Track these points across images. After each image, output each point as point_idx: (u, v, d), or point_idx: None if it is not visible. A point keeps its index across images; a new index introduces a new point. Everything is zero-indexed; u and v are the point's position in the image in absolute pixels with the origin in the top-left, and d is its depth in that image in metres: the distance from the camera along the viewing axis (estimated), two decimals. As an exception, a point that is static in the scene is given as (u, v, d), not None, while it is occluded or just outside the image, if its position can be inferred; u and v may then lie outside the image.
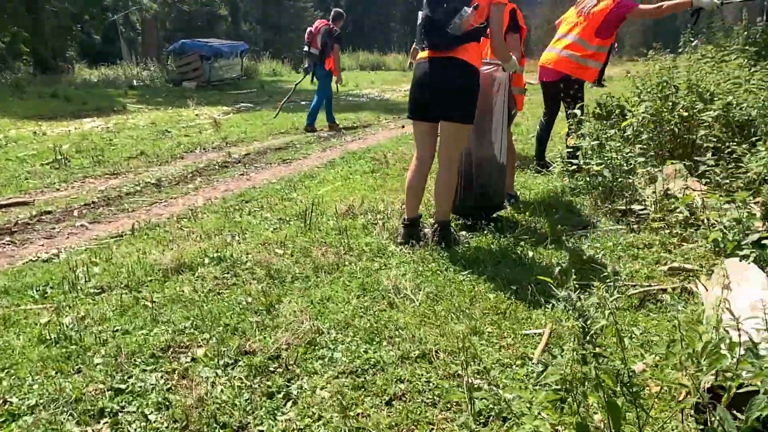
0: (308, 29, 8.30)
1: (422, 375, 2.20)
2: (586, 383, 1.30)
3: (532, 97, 7.79)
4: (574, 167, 4.32)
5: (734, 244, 2.74)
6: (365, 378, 2.19)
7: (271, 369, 2.25)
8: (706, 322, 2.26)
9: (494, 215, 3.77)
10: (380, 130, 8.74)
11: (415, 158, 3.52)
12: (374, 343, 2.43)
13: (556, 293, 1.63)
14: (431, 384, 2.15)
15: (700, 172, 3.87)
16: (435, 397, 2.07)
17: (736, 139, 3.92)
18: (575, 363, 1.27)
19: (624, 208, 3.71)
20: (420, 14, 3.26)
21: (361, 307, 2.74)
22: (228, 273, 3.16)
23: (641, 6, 4.67)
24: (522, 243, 3.39)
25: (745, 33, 6.13)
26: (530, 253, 3.27)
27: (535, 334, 2.46)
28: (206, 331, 2.52)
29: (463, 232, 3.61)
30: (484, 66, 3.52)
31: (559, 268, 2.76)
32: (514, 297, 2.77)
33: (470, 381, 2.05)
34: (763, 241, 2.50)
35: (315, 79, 8.56)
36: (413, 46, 11.25)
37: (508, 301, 2.74)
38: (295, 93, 10.48)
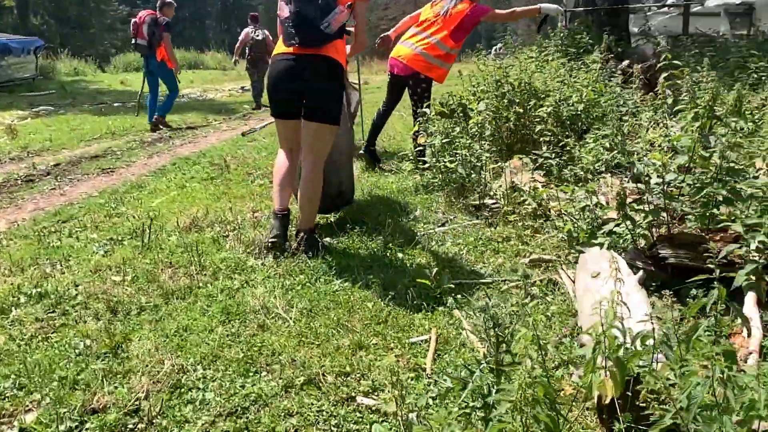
0: (132, 20, 7.94)
1: (312, 404, 1.97)
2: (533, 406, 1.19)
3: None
4: (426, 165, 4.35)
5: (586, 234, 2.90)
6: (247, 418, 1.91)
7: (131, 426, 1.86)
8: (581, 312, 2.35)
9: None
10: (212, 132, 8.16)
11: (282, 151, 3.32)
12: (250, 374, 2.15)
13: (470, 303, 1.49)
14: (324, 413, 1.93)
15: (538, 164, 4.10)
16: (332, 428, 1.86)
17: (566, 133, 4.23)
18: (525, 387, 1.15)
19: (477, 202, 3.80)
20: (285, 8, 3.02)
21: (228, 335, 2.42)
22: (54, 312, 2.62)
23: (496, 11, 4.87)
24: (390, 245, 3.29)
25: (561, 35, 6.76)
26: (399, 255, 3.18)
27: (421, 341, 2.36)
28: (36, 389, 2.02)
29: (328, 239, 3.42)
30: None
31: (433, 269, 2.72)
32: (392, 303, 2.65)
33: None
34: (615, 229, 2.66)
35: (148, 72, 8.19)
36: (238, 44, 10.79)
37: (388, 308, 2.61)
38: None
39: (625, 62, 6.04)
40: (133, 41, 7.93)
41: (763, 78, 4.64)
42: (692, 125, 2.68)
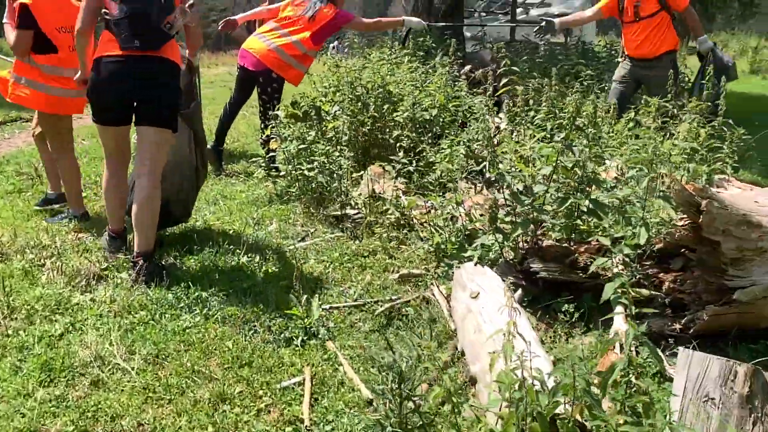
0: None
1: (169, 483, 1.62)
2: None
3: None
4: (280, 173, 4.04)
5: (455, 246, 2.83)
6: None
7: None
8: (463, 335, 2.24)
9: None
10: (17, 133, 6.96)
11: (110, 165, 2.99)
12: (84, 451, 1.72)
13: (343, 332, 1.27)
14: (185, 494, 1.59)
15: (396, 171, 4.00)
16: None
17: (422, 138, 4.18)
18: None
19: (339, 213, 3.59)
20: (114, 6, 2.69)
21: (51, 399, 1.94)
22: None
23: (360, 19, 4.64)
24: (246, 266, 2.94)
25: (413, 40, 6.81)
26: (258, 275, 2.86)
27: (294, 384, 2.08)
28: None
29: (171, 260, 2.98)
30: None
31: (299, 294, 2.46)
32: (256, 339, 2.34)
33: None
34: (485, 243, 2.61)
35: None
36: None
37: (251, 346, 2.29)
38: None
39: (467, 67, 6.21)
40: None
41: (592, 86, 5.00)
42: (552, 134, 2.72)
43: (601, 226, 2.60)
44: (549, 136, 3.24)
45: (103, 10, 2.76)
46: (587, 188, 2.59)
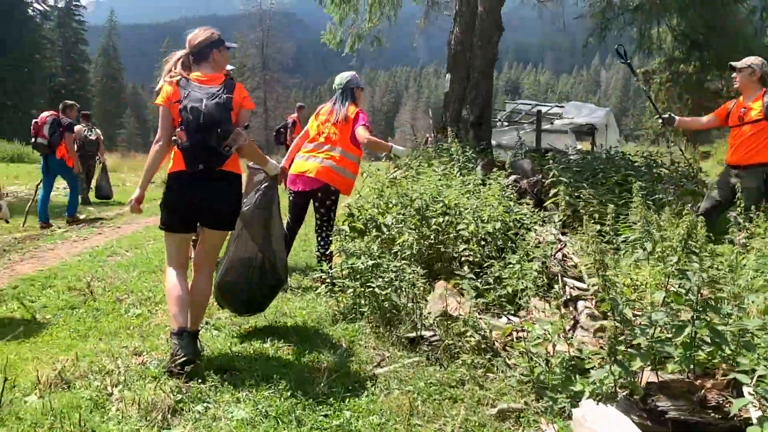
0: (33, 121, 8.24)
1: None
2: None
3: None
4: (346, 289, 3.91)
5: (559, 379, 2.62)
6: None
7: None
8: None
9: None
10: (59, 243, 6.94)
11: (173, 267, 3.26)
12: None
13: None
14: None
15: (462, 286, 3.86)
16: None
17: (487, 252, 4.07)
18: None
19: (413, 335, 3.41)
20: (183, 135, 3.06)
21: None
22: None
23: (365, 130, 4.48)
24: (328, 400, 2.72)
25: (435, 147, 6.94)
26: (345, 411, 2.62)
27: None
28: None
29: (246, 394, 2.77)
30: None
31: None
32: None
33: None
34: (600, 376, 2.41)
35: (46, 171, 8.40)
36: (75, 132, 10.42)
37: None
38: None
39: (512, 177, 6.25)
40: (33, 140, 8.17)
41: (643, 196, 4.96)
42: (664, 258, 2.60)
43: (723, 356, 2.41)
44: (647, 257, 3.12)
45: (173, 138, 3.13)
46: (704, 315, 2.42)
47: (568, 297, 3.71)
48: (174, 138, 3.15)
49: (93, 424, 2.47)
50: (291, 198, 4.66)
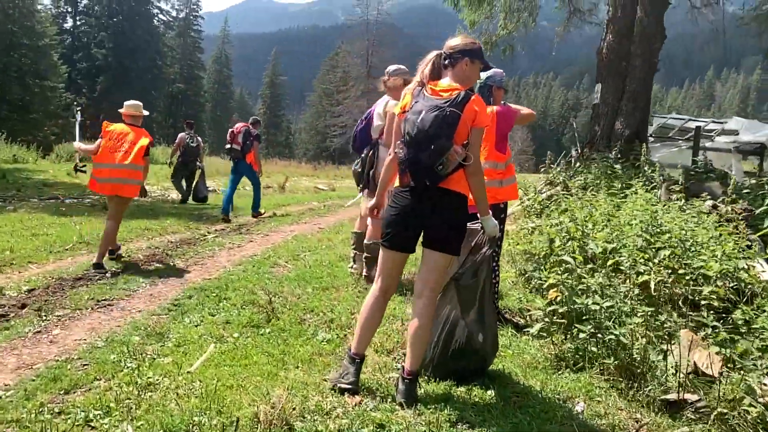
0: (230, 130, 9.74)
1: None
2: None
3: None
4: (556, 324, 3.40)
5: None
6: None
7: None
8: None
9: None
10: (217, 250, 6.90)
11: (378, 288, 3.03)
12: None
13: None
14: None
15: (704, 335, 3.25)
16: None
17: (728, 295, 3.43)
18: None
19: (673, 398, 2.83)
20: (402, 150, 2.88)
21: None
22: None
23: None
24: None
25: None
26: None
27: None
28: None
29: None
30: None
31: None
32: None
33: None
34: None
35: (235, 172, 9.89)
36: (174, 147, 11.68)
37: None
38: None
39: (709, 203, 5.47)
40: (228, 146, 9.64)
41: None
42: None
43: None
44: None
45: (396, 150, 2.97)
46: None
47: None
48: (396, 150, 2.98)
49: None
50: None
